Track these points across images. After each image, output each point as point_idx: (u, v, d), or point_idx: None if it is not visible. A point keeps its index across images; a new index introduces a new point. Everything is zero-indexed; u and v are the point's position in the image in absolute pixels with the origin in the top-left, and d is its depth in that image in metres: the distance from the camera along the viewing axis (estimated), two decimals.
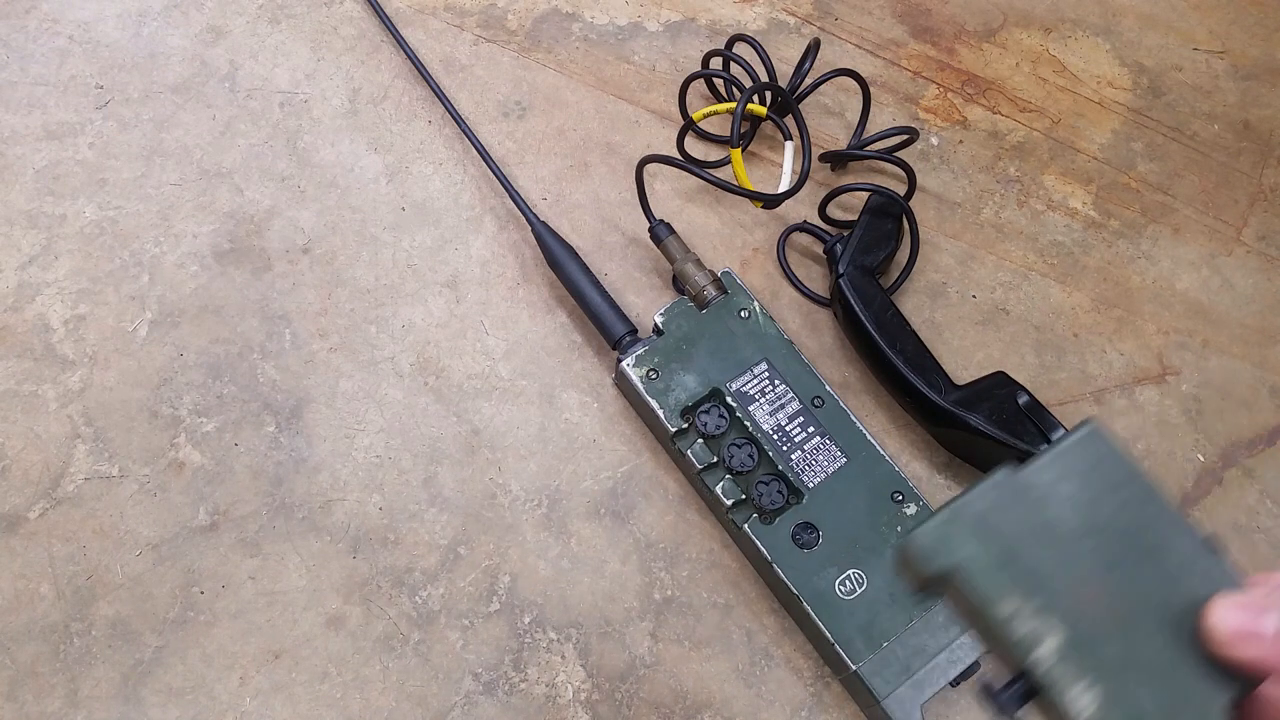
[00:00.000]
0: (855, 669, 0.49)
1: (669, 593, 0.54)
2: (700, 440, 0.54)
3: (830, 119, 0.70)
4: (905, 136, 0.65)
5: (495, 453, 0.57)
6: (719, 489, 0.53)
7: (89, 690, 0.50)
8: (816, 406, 0.55)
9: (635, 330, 0.57)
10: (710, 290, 0.57)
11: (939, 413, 0.55)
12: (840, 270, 0.59)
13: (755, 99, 0.63)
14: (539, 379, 0.59)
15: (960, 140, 0.70)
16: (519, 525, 0.55)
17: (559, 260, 0.58)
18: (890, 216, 0.62)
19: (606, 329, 0.57)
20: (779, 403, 0.55)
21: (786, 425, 0.54)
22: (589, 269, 0.59)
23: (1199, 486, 0.59)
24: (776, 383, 0.55)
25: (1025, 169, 0.69)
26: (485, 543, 0.54)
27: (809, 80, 0.65)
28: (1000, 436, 0.54)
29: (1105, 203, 0.68)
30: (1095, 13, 0.76)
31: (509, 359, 0.59)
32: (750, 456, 0.54)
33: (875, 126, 0.68)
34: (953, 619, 0.49)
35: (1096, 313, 0.64)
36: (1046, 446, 0.32)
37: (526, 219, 0.60)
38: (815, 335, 0.62)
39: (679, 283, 0.60)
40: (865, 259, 0.60)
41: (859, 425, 0.54)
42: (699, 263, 0.58)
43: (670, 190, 0.65)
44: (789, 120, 0.64)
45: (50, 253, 0.60)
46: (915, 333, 0.58)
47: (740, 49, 0.67)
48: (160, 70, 0.66)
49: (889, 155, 0.63)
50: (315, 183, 0.63)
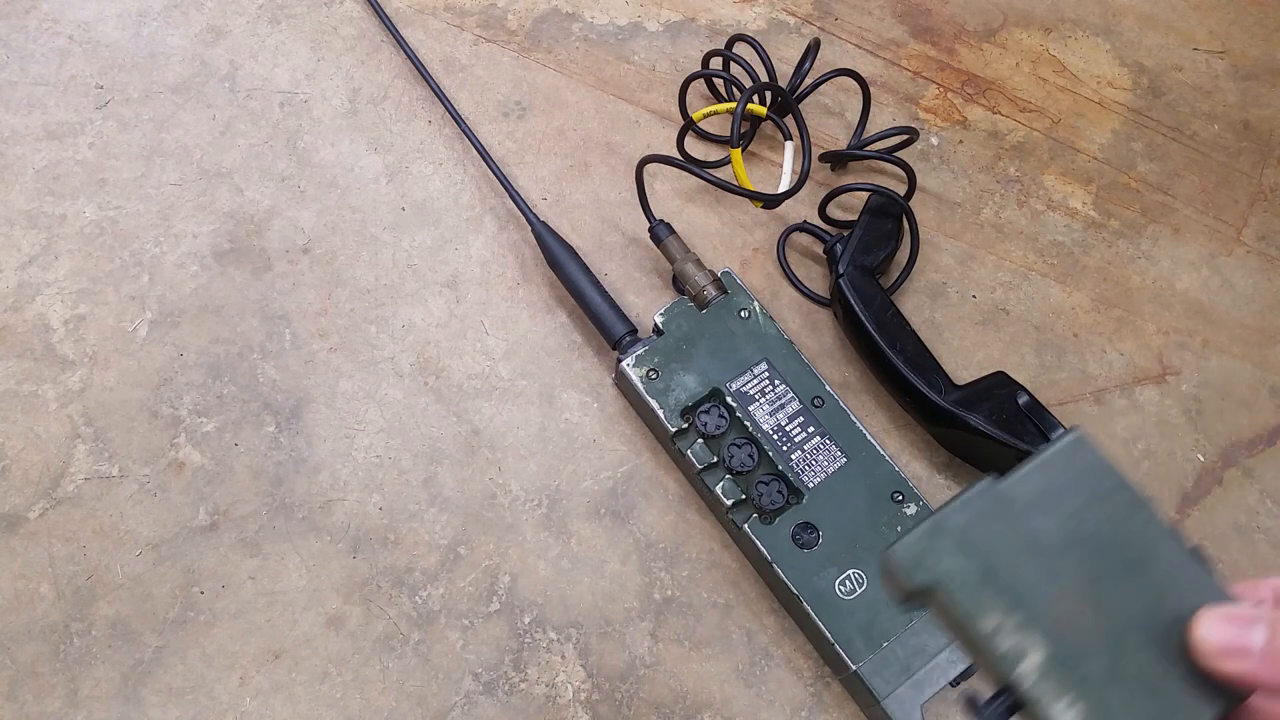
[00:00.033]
0: (855, 669, 0.49)
1: (669, 593, 0.54)
2: (700, 440, 0.54)
3: (830, 119, 0.70)
4: (905, 136, 0.65)
5: (495, 453, 0.57)
6: (719, 489, 0.53)
7: (89, 690, 0.50)
8: (816, 406, 0.55)
9: (635, 330, 0.57)
10: (710, 290, 0.57)
11: (939, 413, 0.55)
12: (840, 270, 0.59)
13: (755, 99, 0.63)
14: (539, 379, 0.59)
15: (960, 140, 0.70)
16: (519, 525, 0.55)
17: (559, 260, 0.58)
18: (890, 216, 0.62)
19: (606, 329, 0.57)
20: (779, 403, 0.55)
21: (786, 425, 0.54)
22: (589, 269, 0.59)
23: (1199, 486, 0.59)
24: (776, 383, 0.55)
25: (1025, 169, 0.69)
26: (485, 543, 0.54)
27: (809, 80, 0.65)
28: (1000, 436, 0.54)
29: (1105, 203, 0.68)
30: (1095, 13, 0.76)
31: (509, 359, 0.59)
32: (750, 456, 0.54)
33: (875, 126, 0.68)
34: None
35: (1096, 313, 0.64)
36: (1031, 455, 0.32)
37: (526, 219, 0.60)
38: (815, 335, 0.62)
39: (679, 283, 0.60)
40: (865, 259, 0.60)
41: (859, 425, 0.54)
42: (699, 263, 0.58)
43: (670, 190, 0.65)
44: (789, 120, 0.64)
45: (50, 253, 0.60)
46: (915, 333, 0.58)
47: (740, 49, 0.67)
48: (160, 70, 0.66)
49: (889, 155, 0.63)
50: (315, 183, 0.63)
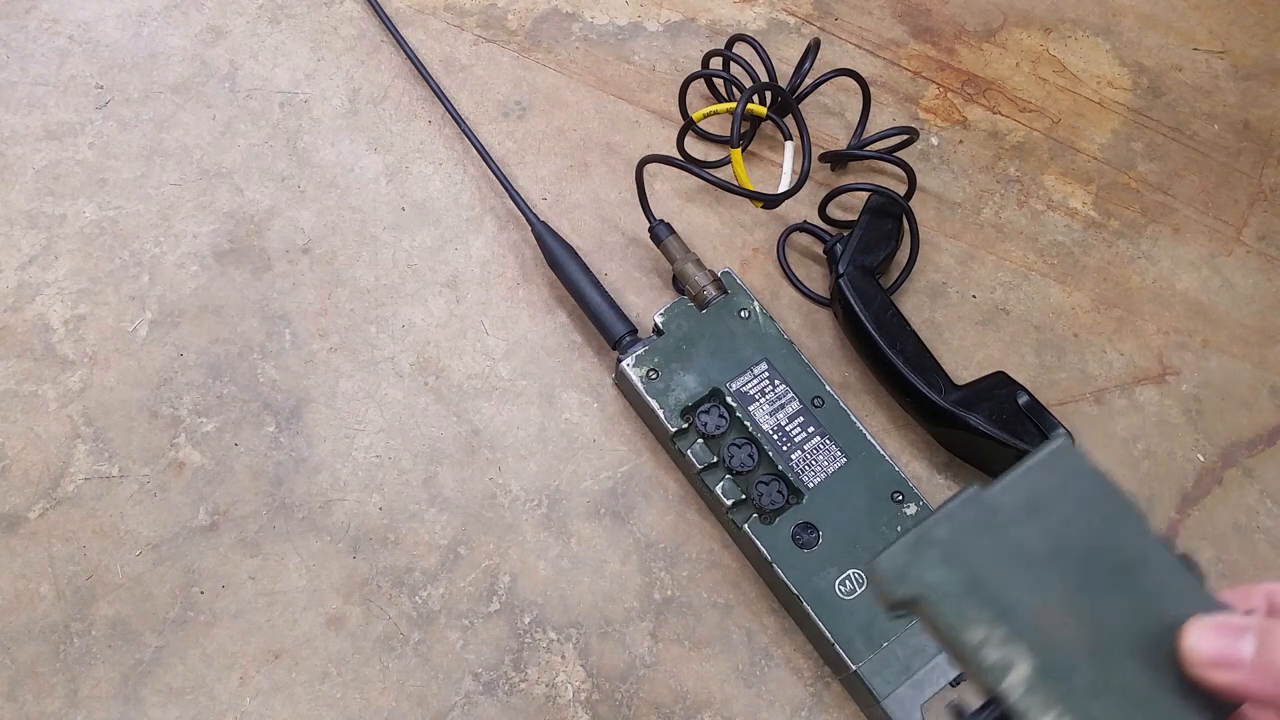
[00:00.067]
0: (855, 669, 0.49)
1: (669, 593, 0.54)
2: (700, 440, 0.54)
3: (830, 119, 0.70)
4: (905, 136, 0.65)
5: (495, 453, 0.57)
6: (719, 489, 0.53)
7: (89, 690, 0.50)
8: (816, 406, 0.55)
9: (635, 330, 0.57)
10: (710, 290, 0.57)
11: (939, 413, 0.55)
12: (840, 270, 0.59)
13: (755, 99, 0.63)
14: (539, 379, 0.59)
15: (960, 140, 0.70)
16: (519, 525, 0.55)
17: (559, 260, 0.58)
18: (890, 216, 0.62)
19: (606, 329, 0.57)
20: (779, 403, 0.55)
21: (786, 425, 0.54)
22: (589, 269, 0.59)
23: (1199, 486, 0.59)
24: (776, 383, 0.55)
25: (1025, 169, 0.69)
26: (485, 543, 0.54)
27: (809, 80, 0.65)
28: (1000, 436, 0.54)
29: (1105, 203, 0.68)
30: (1095, 13, 0.76)
31: (509, 359, 0.59)
32: (750, 456, 0.54)
33: (875, 126, 0.68)
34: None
35: (1096, 313, 0.64)
36: (1016, 463, 0.31)
37: (526, 219, 0.60)
38: (815, 335, 0.62)
39: (679, 283, 0.60)
40: (865, 259, 0.60)
41: (859, 425, 0.54)
42: (699, 263, 0.58)
43: (670, 190, 0.65)
44: (789, 120, 0.64)
45: (50, 253, 0.60)
46: (915, 333, 0.58)
47: (740, 49, 0.67)
48: (160, 70, 0.66)
49: (889, 155, 0.63)
50: (315, 183, 0.63)
